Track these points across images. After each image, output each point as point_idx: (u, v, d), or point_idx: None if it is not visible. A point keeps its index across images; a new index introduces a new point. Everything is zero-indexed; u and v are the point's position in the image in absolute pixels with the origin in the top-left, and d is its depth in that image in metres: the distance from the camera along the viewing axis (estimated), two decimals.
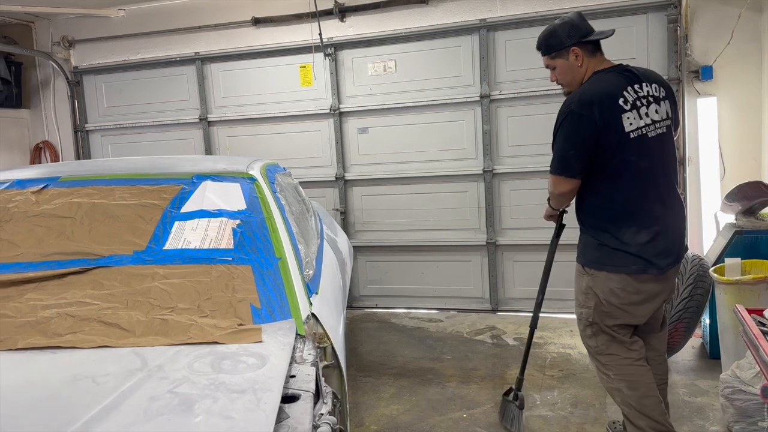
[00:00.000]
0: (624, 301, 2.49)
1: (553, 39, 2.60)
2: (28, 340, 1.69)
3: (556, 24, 2.62)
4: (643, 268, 2.45)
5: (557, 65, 2.61)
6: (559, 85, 2.69)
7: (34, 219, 2.28)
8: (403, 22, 5.07)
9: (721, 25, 4.37)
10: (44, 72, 6.12)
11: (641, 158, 2.44)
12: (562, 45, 2.56)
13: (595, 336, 2.60)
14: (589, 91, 2.46)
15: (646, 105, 2.47)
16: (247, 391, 1.43)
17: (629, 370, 2.54)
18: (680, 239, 2.60)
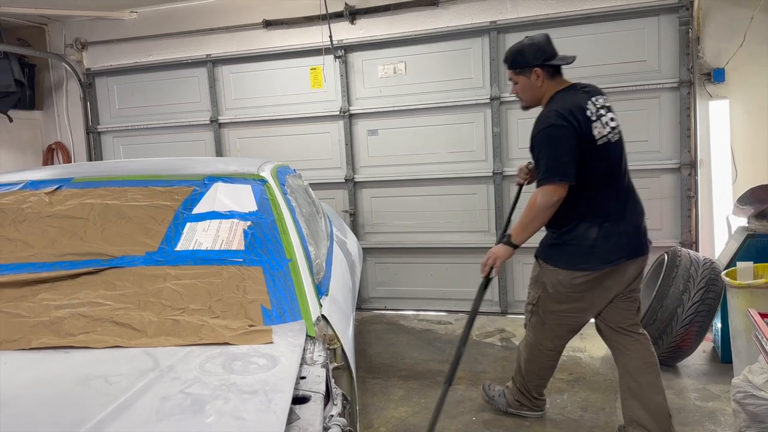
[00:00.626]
0: (570, 295, 2.83)
1: (519, 56, 2.81)
2: (42, 340, 1.71)
3: (525, 43, 2.82)
4: (589, 266, 2.75)
5: (519, 81, 2.83)
6: (518, 99, 2.94)
7: (47, 220, 2.31)
8: (414, 25, 5.08)
9: (733, 27, 4.34)
10: (57, 74, 6.18)
11: (607, 162, 2.74)
12: (527, 64, 2.78)
13: (531, 314, 3.05)
14: (564, 106, 2.69)
15: (604, 114, 2.75)
16: (258, 392, 1.43)
17: (536, 353, 3.09)
18: (638, 234, 2.82)
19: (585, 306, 2.88)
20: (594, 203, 2.72)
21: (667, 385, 3.54)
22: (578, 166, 2.64)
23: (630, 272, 2.80)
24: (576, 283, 2.78)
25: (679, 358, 3.80)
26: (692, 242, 4.57)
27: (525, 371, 3.18)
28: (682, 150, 4.55)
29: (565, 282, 2.80)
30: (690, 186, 4.56)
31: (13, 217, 2.33)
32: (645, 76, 4.59)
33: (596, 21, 4.65)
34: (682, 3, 4.43)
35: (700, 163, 4.51)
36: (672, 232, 4.65)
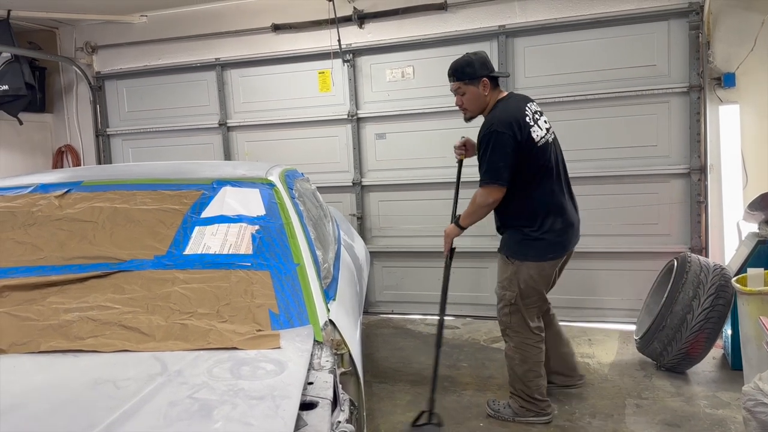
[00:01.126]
0: (539, 283, 3.14)
1: (469, 68, 3.08)
2: (51, 343, 1.71)
3: (471, 57, 3.11)
4: (556, 254, 3.14)
5: (467, 91, 3.10)
6: (463, 110, 3.20)
7: (57, 223, 2.31)
8: (422, 29, 5.08)
9: (744, 31, 4.32)
10: (67, 77, 6.22)
11: (548, 161, 3.06)
12: (475, 75, 3.06)
13: (511, 315, 3.21)
14: (505, 114, 3.00)
15: (539, 118, 3.09)
16: (265, 398, 1.43)
17: (526, 348, 3.20)
18: (578, 227, 3.25)
19: (546, 289, 3.25)
20: (552, 199, 3.09)
21: (676, 392, 3.53)
22: (525, 168, 3.00)
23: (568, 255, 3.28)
24: (545, 273, 3.15)
25: (689, 364, 3.78)
26: (702, 248, 4.54)
27: (522, 375, 3.23)
28: (692, 155, 4.52)
29: (535, 273, 3.12)
30: (700, 191, 4.53)
31: (23, 220, 2.34)
32: (654, 80, 4.57)
33: (605, 25, 4.64)
34: (692, 7, 4.41)
35: (710, 168, 4.48)
36: (681, 237, 4.62)
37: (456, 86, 3.14)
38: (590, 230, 4.80)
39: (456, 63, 3.14)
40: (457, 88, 3.14)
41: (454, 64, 3.14)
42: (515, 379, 3.27)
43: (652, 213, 4.69)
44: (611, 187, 4.74)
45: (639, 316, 4.29)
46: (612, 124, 4.71)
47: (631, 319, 4.56)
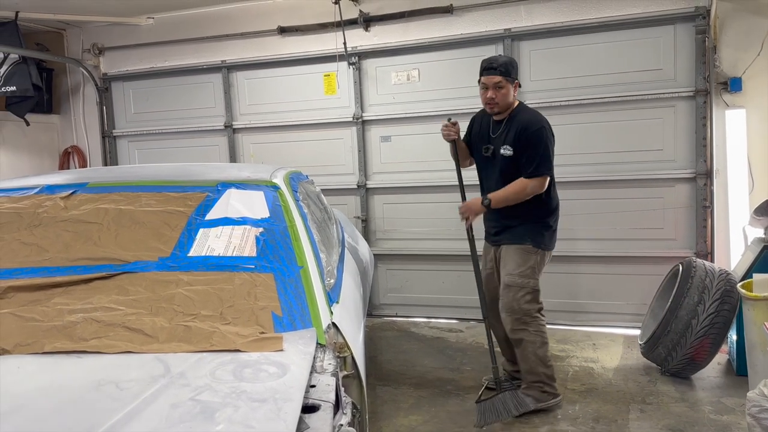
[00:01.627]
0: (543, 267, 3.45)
1: (513, 67, 3.32)
2: (55, 344, 1.72)
3: (512, 58, 3.49)
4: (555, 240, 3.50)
5: (506, 88, 3.28)
6: (493, 104, 3.32)
7: (62, 224, 2.32)
8: (428, 32, 5.09)
9: (750, 35, 4.30)
10: (74, 78, 6.25)
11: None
12: (516, 75, 3.35)
13: (532, 302, 3.36)
14: (541, 115, 3.37)
15: None
16: (268, 401, 1.43)
17: (543, 330, 3.39)
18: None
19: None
20: (557, 192, 3.47)
21: (680, 398, 3.51)
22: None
23: None
24: (547, 260, 3.46)
25: (693, 370, 3.76)
26: (707, 253, 4.52)
27: (543, 357, 3.39)
28: (698, 159, 4.51)
29: (543, 261, 3.41)
30: (706, 196, 4.51)
31: (28, 221, 2.36)
32: (661, 84, 4.56)
33: (611, 29, 4.63)
34: (698, 11, 4.40)
35: (716, 172, 4.46)
36: (687, 242, 4.61)
37: (498, 80, 3.25)
38: (595, 234, 4.79)
39: (503, 59, 3.33)
40: (497, 82, 3.25)
41: (503, 59, 3.32)
42: (537, 363, 3.37)
43: (657, 217, 4.67)
44: (616, 191, 4.73)
45: (644, 321, 4.27)
46: (618, 128, 4.70)
47: (635, 324, 4.54)
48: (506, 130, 3.34)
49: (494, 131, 3.41)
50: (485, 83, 3.30)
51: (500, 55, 3.37)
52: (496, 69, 3.25)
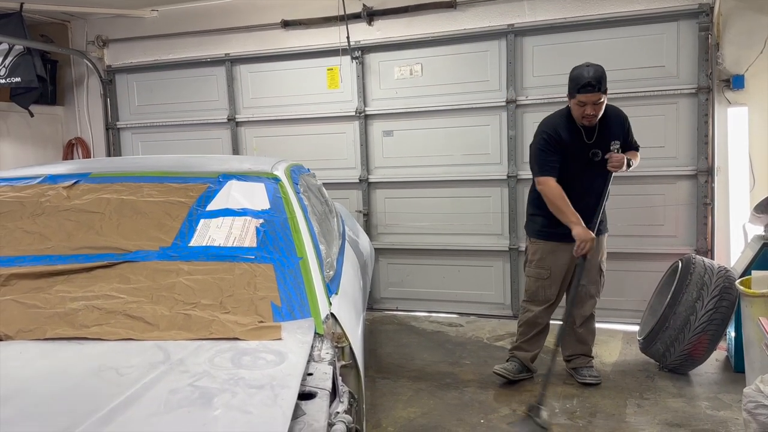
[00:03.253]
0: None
1: (605, 79, 3.35)
2: (56, 331, 1.74)
3: (600, 66, 3.38)
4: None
5: (603, 101, 3.37)
6: (591, 119, 3.40)
7: (64, 213, 2.35)
8: (431, 27, 5.09)
9: (753, 33, 4.30)
10: (78, 70, 6.27)
11: None
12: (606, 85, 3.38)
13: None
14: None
15: None
16: (265, 387, 1.45)
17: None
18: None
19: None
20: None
21: (678, 393, 3.53)
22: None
23: None
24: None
25: (691, 366, 3.77)
26: (707, 250, 4.53)
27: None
28: (699, 157, 4.51)
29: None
30: (706, 193, 4.52)
31: (31, 210, 2.38)
32: (663, 81, 4.56)
33: (614, 25, 4.63)
34: (702, 8, 4.39)
35: (717, 170, 4.47)
36: (687, 239, 4.62)
37: (599, 98, 3.34)
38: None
39: (599, 73, 3.33)
40: (597, 100, 3.33)
41: (599, 74, 3.33)
42: (583, 341, 3.79)
43: (658, 214, 4.68)
44: (618, 187, 4.68)
45: (643, 317, 4.29)
46: None
47: (634, 320, 4.55)
48: (604, 128, 3.48)
49: (589, 136, 3.49)
50: (584, 101, 3.34)
51: (590, 68, 3.33)
52: (596, 87, 3.29)
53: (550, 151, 3.51)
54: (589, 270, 3.60)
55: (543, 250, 3.66)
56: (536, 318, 3.72)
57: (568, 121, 3.51)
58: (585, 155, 3.50)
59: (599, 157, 3.49)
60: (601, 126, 3.48)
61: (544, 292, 3.67)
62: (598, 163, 3.50)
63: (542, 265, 3.66)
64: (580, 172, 3.53)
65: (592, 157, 3.49)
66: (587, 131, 3.49)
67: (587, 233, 3.35)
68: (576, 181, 3.52)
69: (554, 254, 3.62)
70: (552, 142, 3.50)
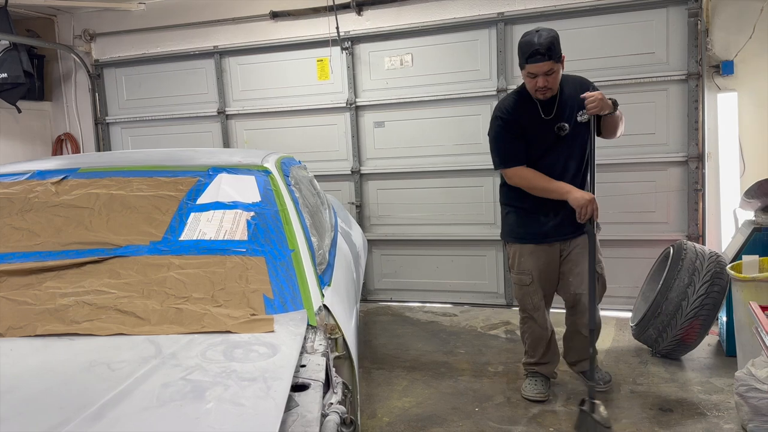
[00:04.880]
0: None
1: (558, 45, 2.92)
2: (47, 327, 1.73)
3: (553, 33, 2.93)
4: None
5: (556, 70, 2.95)
6: (545, 91, 2.98)
7: (53, 209, 2.33)
8: (421, 16, 5.06)
9: (742, 19, 4.30)
10: (66, 65, 6.21)
11: None
12: (560, 53, 2.95)
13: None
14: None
15: None
16: (257, 380, 1.45)
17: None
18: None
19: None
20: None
21: (671, 378, 3.56)
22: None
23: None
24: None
25: (684, 351, 3.80)
26: (699, 235, 4.55)
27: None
28: (690, 143, 4.52)
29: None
30: (697, 179, 4.53)
31: (20, 207, 2.36)
32: (653, 68, 4.56)
33: (604, 12, 4.62)
34: None
35: (707, 156, 4.48)
36: (679, 225, 4.63)
37: (548, 68, 2.91)
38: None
39: (545, 39, 2.87)
40: (548, 69, 2.91)
41: (545, 40, 2.87)
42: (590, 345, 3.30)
43: (649, 201, 4.69)
44: (609, 175, 4.74)
45: (635, 303, 4.31)
46: None
47: (627, 307, 4.58)
48: (565, 98, 3.08)
49: (547, 110, 3.08)
50: (534, 72, 2.93)
51: (540, 33, 2.89)
52: (545, 55, 2.87)
53: (509, 138, 3.12)
54: (581, 275, 3.20)
55: (520, 253, 3.30)
56: (536, 326, 3.37)
57: (524, 99, 3.11)
58: (550, 133, 3.09)
59: (566, 130, 3.07)
60: (562, 96, 3.08)
61: (530, 299, 3.33)
62: (569, 139, 3.10)
63: (522, 269, 3.30)
64: (548, 154, 3.13)
65: (558, 133, 3.09)
66: (544, 106, 3.07)
67: (583, 194, 2.98)
68: (546, 166, 3.12)
69: (533, 256, 3.25)
70: (509, 126, 3.11)
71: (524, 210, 3.23)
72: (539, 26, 2.99)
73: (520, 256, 3.30)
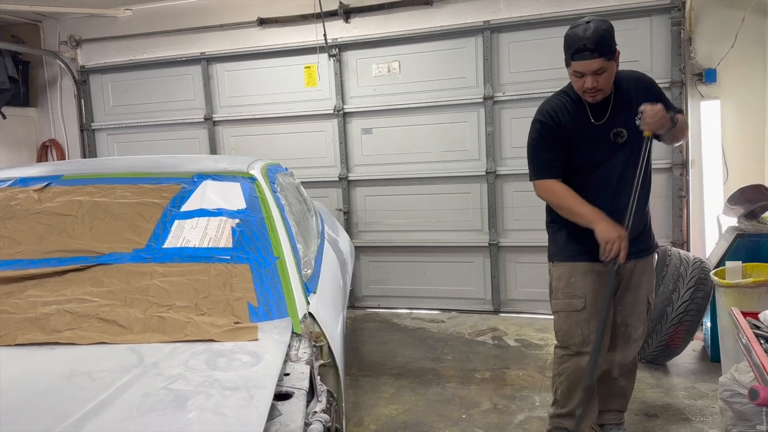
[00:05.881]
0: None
1: (610, 38, 2.44)
2: (27, 336, 1.71)
3: (604, 24, 2.44)
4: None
5: (609, 68, 2.45)
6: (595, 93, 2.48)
7: (35, 216, 2.31)
8: (408, 24, 5.09)
9: (725, 28, 4.36)
10: (51, 71, 6.17)
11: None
12: (615, 47, 2.46)
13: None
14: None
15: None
16: (240, 389, 1.44)
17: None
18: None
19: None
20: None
21: (656, 384, 3.58)
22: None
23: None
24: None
25: (669, 356, 3.82)
26: (683, 241, 4.59)
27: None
28: (674, 150, 4.57)
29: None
30: (681, 186, 4.58)
31: (1, 214, 2.34)
32: None
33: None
34: (674, 4, 4.44)
35: (691, 163, 4.53)
36: (664, 231, 4.67)
37: (598, 66, 2.42)
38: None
39: (597, 32, 2.38)
40: (597, 69, 2.42)
41: (597, 34, 2.38)
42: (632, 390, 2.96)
43: None
44: None
45: None
46: None
47: None
48: (623, 100, 2.58)
49: (600, 115, 2.58)
50: (581, 71, 2.45)
51: (589, 25, 2.40)
52: (594, 51, 2.39)
53: (545, 146, 2.63)
54: (633, 304, 2.73)
55: (571, 272, 2.68)
56: (578, 367, 2.68)
57: (571, 101, 2.61)
58: (604, 140, 2.59)
59: (624, 137, 2.57)
60: (617, 96, 2.58)
61: (580, 330, 2.65)
62: (627, 146, 2.59)
63: (572, 292, 2.67)
64: (603, 164, 2.62)
65: (614, 140, 2.58)
66: (595, 108, 2.58)
67: (613, 229, 2.45)
68: (599, 178, 2.62)
69: (588, 276, 2.64)
70: (548, 132, 2.61)
71: (577, 226, 2.61)
72: (590, 17, 2.48)
73: (569, 276, 2.68)
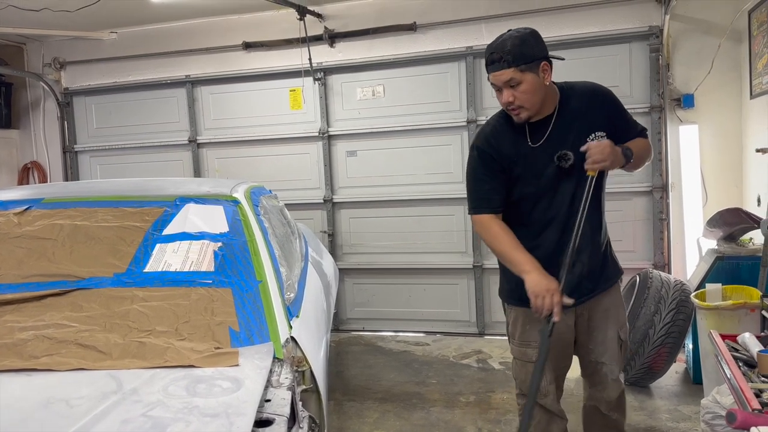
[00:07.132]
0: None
1: (529, 46, 2.16)
2: (4, 362, 1.69)
3: (525, 29, 2.21)
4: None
5: (525, 80, 2.15)
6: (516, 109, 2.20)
7: (15, 240, 2.29)
8: (392, 49, 5.15)
9: (701, 54, 4.46)
10: (34, 93, 6.14)
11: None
12: (534, 56, 2.16)
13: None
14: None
15: None
16: (220, 415, 1.43)
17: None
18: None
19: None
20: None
21: (639, 406, 3.58)
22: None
23: None
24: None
25: (651, 379, 3.84)
26: (665, 264, 4.64)
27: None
28: (654, 173, 4.64)
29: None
30: (662, 209, 4.64)
31: None
32: None
33: (570, 47, 4.74)
34: (652, 30, 4.55)
35: (671, 186, 4.60)
36: (645, 254, 4.72)
37: (508, 77, 2.14)
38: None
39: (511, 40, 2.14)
40: (508, 80, 2.15)
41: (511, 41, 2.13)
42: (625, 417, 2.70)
43: (616, 230, 4.74)
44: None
45: None
46: None
47: None
48: (570, 118, 2.29)
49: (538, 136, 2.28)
50: (493, 82, 2.22)
51: (508, 32, 2.17)
52: (501, 60, 2.13)
53: (482, 175, 2.34)
54: (604, 343, 2.45)
55: (524, 320, 2.41)
56: (542, 416, 2.50)
57: (507, 122, 2.33)
58: (547, 165, 2.26)
59: (570, 160, 2.22)
60: (561, 115, 2.29)
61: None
62: (575, 174, 2.25)
63: (527, 340, 2.41)
64: (547, 193, 2.30)
65: (559, 164, 2.24)
66: (533, 129, 2.28)
67: (543, 281, 2.14)
68: (544, 210, 2.32)
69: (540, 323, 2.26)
70: (485, 160, 2.32)
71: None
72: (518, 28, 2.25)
73: (524, 324, 2.42)
